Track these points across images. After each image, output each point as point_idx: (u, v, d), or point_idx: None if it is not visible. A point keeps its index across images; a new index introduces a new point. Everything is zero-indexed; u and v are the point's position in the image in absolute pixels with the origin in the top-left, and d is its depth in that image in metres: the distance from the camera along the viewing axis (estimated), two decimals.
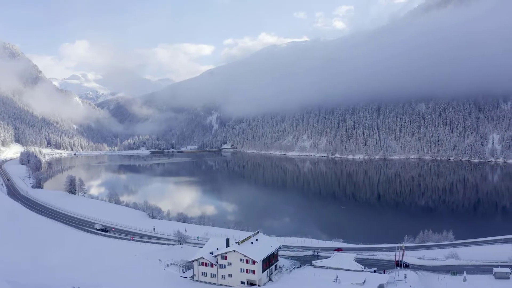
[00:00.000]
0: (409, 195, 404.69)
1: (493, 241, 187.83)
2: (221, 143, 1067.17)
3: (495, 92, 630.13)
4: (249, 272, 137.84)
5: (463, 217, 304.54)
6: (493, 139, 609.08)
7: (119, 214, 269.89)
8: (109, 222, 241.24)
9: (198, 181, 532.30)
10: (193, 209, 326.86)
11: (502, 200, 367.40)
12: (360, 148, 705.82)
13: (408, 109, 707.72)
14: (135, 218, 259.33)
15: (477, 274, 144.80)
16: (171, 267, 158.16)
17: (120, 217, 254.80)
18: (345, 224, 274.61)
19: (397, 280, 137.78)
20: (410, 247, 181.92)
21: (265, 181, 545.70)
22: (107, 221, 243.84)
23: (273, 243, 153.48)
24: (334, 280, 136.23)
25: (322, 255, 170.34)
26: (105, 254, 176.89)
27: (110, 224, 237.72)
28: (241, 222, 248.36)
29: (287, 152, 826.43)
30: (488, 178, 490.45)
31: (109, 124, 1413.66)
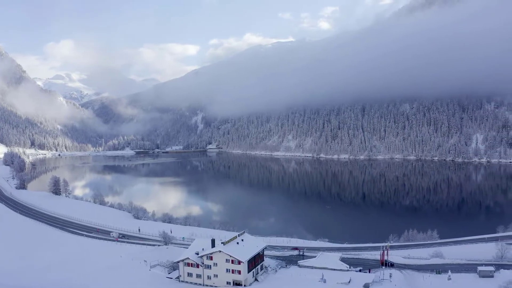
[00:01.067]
0: (393, 194, 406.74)
1: (477, 240, 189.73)
2: (207, 144, 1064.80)
3: (478, 92, 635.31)
4: (235, 272, 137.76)
5: (448, 216, 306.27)
6: (477, 139, 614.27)
7: (104, 215, 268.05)
8: (94, 223, 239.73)
9: (183, 182, 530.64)
10: (178, 210, 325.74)
11: (486, 200, 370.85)
12: (345, 148, 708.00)
13: (393, 109, 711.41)
14: (120, 219, 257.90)
15: (461, 272, 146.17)
16: (156, 268, 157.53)
17: (105, 218, 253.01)
18: (330, 224, 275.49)
19: (382, 279, 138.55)
20: (395, 246, 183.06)
21: (251, 182, 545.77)
22: (92, 222, 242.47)
23: (258, 243, 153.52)
24: (319, 279, 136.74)
25: (307, 254, 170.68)
26: (90, 255, 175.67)
27: (95, 225, 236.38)
28: (227, 222, 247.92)
29: (272, 152, 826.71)
30: (472, 177, 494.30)
31: (94, 125, 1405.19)
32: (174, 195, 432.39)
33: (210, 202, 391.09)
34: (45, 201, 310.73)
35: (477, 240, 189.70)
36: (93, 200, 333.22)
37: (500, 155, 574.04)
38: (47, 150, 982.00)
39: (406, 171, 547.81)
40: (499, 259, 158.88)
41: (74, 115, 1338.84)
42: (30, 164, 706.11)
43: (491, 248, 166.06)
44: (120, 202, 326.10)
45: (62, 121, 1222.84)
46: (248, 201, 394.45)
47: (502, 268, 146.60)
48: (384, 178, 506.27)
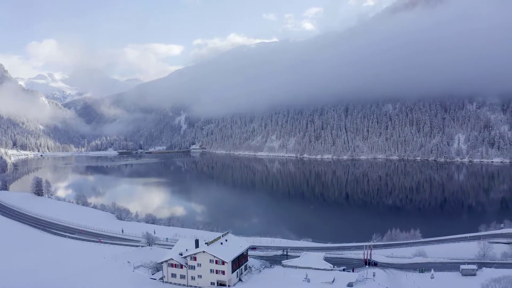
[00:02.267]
0: (376, 194, 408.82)
1: (460, 239, 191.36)
2: (190, 144, 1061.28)
3: (460, 93, 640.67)
4: (219, 273, 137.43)
5: (430, 215, 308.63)
6: (459, 139, 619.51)
7: (87, 216, 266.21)
8: (77, 224, 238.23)
9: (166, 182, 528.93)
10: (162, 210, 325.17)
11: (468, 199, 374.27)
12: (328, 148, 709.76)
13: (376, 109, 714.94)
14: (103, 220, 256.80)
15: (444, 271, 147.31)
16: (140, 269, 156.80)
17: (87, 219, 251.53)
18: (314, 224, 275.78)
19: (366, 278, 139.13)
20: (378, 246, 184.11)
21: (234, 182, 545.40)
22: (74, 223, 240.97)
23: (242, 244, 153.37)
24: (303, 279, 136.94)
25: (291, 254, 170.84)
26: (73, 257, 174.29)
27: (77, 226, 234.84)
28: (211, 223, 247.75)
29: (256, 153, 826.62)
30: (454, 177, 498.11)
31: (76, 125, 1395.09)
32: (157, 196, 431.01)
33: (194, 202, 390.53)
34: (27, 202, 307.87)
35: (460, 239, 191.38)
36: (75, 201, 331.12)
37: (482, 155, 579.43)
38: (29, 150, 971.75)
39: (389, 171, 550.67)
40: (482, 258, 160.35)
41: (56, 115, 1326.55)
42: (12, 165, 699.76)
43: (473, 247, 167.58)
44: (103, 203, 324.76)
45: (44, 121, 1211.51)
46: (231, 201, 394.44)
47: (485, 266, 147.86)
48: (367, 178, 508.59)
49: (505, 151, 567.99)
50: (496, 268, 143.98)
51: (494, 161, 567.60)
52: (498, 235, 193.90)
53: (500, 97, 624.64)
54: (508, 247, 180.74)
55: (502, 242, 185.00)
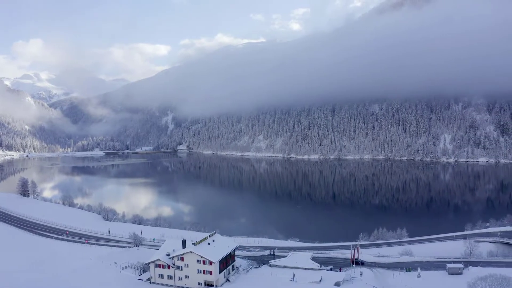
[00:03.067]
0: (363, 194, 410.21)
1: (446, 238, 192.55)
2: (177, 144, 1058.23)
3: (446, 93, 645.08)
4: (206, 273, 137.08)
5: (416, 215, 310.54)
6: (445, 139, 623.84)
7: (73, 216, 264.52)
8: (63, 225, 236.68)
9: (153, 183, 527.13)
10: (149, 211, 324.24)
11: (454, 198, 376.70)
12: (315, 148, 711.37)
13: (362, 110, 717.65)
14: (90, 221, 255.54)
15: (430, 270, 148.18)
16: (127, 269, 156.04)
17: (74, 220, 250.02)
18: (301, 224, 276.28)
19: (353, 278, 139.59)
20: (365, 245, 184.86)
21: (221, 182, 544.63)
22: (61, 224, 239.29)
23: (229, 244, 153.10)
24: (291, 279, 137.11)
25: (278, 254, 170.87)
26: (60, 258, 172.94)
27: (64, 227, 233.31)
28: (198, 223, 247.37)
29: (243, 153, 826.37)
30: (440, 177, 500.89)
31: (63, 125, 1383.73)
32: (144, 196, 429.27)
33: (181, 203, 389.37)
34: (13, 203, 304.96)
35: (446, 238, 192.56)
36: (62, 202, 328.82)
37: (468, 155, 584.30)
38: (15, 151, 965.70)
39: (376, 171, 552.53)
40: (468, 257, 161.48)
41: (42, 115, 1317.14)
42: None
43: (459, 246, 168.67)
44: (90, 203, 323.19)
45: (30, 122, 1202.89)
46: (219, 201, 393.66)
47: (471, 265, 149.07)
48: (354, 178, 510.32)
49: (491, 151, 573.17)
50: (482, 267, 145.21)
51: (479, 161, 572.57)
52: (484, 234, 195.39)
53: (485, 98, 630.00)
54: (494, 245, 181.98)
55: (488, 241, 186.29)
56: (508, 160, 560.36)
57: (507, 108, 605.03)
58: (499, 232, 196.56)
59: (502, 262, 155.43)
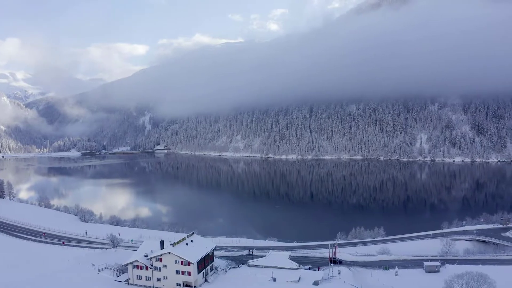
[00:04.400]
0: (341, 193, 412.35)
1: (423, 236, 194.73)
2: (154, 144, 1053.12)
3: (423, 93, 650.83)
4: (184, 274, 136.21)
5: (394, 214, 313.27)
6: (421, 139, 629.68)
7: (50, 218, 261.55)
8: (40, 227, 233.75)
9: (131, 183, 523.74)
10: (126, 212, 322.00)
11: (430, 197, 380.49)
12: (293, 148, 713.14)
13: (340, 110, 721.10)
14: (67, 222, 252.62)
15: (408, 268, 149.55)
16: (105, 271, 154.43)
17: (50, 221, 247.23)
18: (279, 223, 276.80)
19: (331, 277, 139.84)
20: (343, 244, 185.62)
21: (199, 182, 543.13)
22: (37, 225, 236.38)
23: (208, 244, 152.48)
24: (269, 278, 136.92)
25: (257, 254, 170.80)
26: (36, 260, 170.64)
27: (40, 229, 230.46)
28: (176, 223, 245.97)
29: (221, 153, 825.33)
30: (416, 176, 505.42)
31: (39, 125, 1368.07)
32: (121, 197, 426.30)
33: (159, 203, 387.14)
34: None
35: (423, 237, 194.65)
36: (38, 203, 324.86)
37: (444, 154, 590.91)
38: None
39: (353, 171, 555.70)
40: (444, 255, 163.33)
41: (18, 116, 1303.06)
42: None
43: (436, 244, 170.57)
44: (66, 205, 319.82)
45: (5, 122, 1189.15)
46: (197, 202, 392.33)
47: (447, 263, 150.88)
48: (331, 177, 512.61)
49: (466, 151, 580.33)
50: (458, 265, 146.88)
51: (455, 160, 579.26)
52: (460, 232, 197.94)
53: (461, 98, 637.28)
54: (470, 243, 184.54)
55: (464, 239, 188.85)
56: (483, 160, 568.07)
57: (482, 108, 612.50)
58: (475, 230, 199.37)
59: (478, 260, 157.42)
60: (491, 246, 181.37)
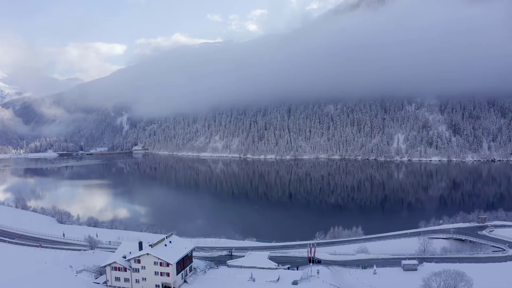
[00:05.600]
0: (319, 193, 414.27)
1: (400, 235, 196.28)
2: (132, 145, 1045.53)
3: (400, 94, 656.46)
4: (163, 275, 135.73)
5: (372, 213, 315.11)
6: (398, 139, 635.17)
7: (27, 220, 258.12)
8: (16, 229, 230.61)
9: (108, 184, 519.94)
10: (104, 213, 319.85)
11: (408, 197, 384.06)
12: (272, 148, 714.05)
13: (318, 110, 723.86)
14: (44, 224, 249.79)
15: (386, 267, 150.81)
16: (83, 273, 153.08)
17: (27, 223, 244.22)
18: (258, 224, 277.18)
19: (310, 276, 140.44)
20: (322, 244, 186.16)
21: (178, 183, 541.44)
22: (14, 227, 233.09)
23: (187, 245, 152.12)
24: (249, 278, 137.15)
25: (236, 254, 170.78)
26: (13, 262, 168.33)
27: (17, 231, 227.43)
28: (154, 224, 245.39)
29: (199, 153, 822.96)
30: (394, 175, 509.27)
31: (15, 125, 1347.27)
32: (99, 198, 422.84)
33: (137, 204, 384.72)
34: None
35: (401, 235, 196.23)
36: (14, 205, 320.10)
37: (421, 154, 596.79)
38: None
39: (331, 170, 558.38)
40: (422, 253, 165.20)
41: None
42: None
43: (414, 243, 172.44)
44: (44, 206, 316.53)
45: None
46: (175, 202, 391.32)
47: (425, 261, 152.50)
48: (309, 177, 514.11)
49: (443, 150, 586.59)
50: (436, 263, 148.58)
51: (432, 159, 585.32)
52: (438, 231, 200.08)
53: (438, 99, 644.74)
54: (447, 242, 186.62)
55: (441, 237, 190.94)
56: (459, 159, 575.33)
57: (458, 108, 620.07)
58: (452, 228, 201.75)
59: (455, 258, 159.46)
60: (468, 244, 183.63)
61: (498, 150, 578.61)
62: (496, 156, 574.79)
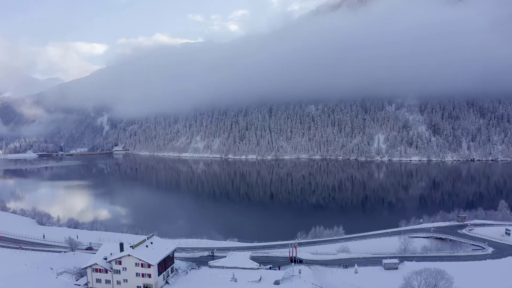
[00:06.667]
0: (300, 193, 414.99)
1: (381, 235, 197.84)
2: (113, 145, 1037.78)
3: (380, 95, 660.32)
4: (145, 276, 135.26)
5: (353, 213, 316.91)
6: (379, 139, 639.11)
7: (6, 221, 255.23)
8: None
9: (89, 185, 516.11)
10: (84, 214, 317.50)
11: (388, 196, 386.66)
12: (253, 148, 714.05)
13: (299, 110, 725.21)
14: (23, 226, 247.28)
15: (367, 266, 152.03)
16: (63, 275, 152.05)
17: (7, 224, 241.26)
18: (240, 224, 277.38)
19: (292, 276, 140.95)
20: (303, 243, 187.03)
21: (159, 184, 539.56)
22: None
23: (168, 246, 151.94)
24: (230, 279, 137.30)
25: (218, 255, 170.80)
26: None
27: None
28: (135, 225, 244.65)
29: (180, 154, 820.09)
30: (374, 175, 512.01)
31: None
32: (79, 200, 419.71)
33: (118, 205, 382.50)
34: None
35: (381, 235, 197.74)
36: None
37: (401, 154, 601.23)
38: None
39: (312, 170, 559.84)
40: (403, 252, 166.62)
41: None
42: None
43: (394, 242, 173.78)
44: (23, 207, 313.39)
45: None
46: (156, 203, 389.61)
47: (406, 260, 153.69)
48: (291, 177, 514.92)
49: (423, 150, 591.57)
50: (417, 262, 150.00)
51: (412, 159, 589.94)
52: (418, 230, 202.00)
53: (418, 99, 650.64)
54: (427, 241, 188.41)
55: (421, 236, 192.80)
56: (439, 159, 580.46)
57: (438, 109, 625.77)
58: (432, 227, 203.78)
59: (435, 256, 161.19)
60: (448, 243, 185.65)
61: (477, 150, 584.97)
62: (476, 155, 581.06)
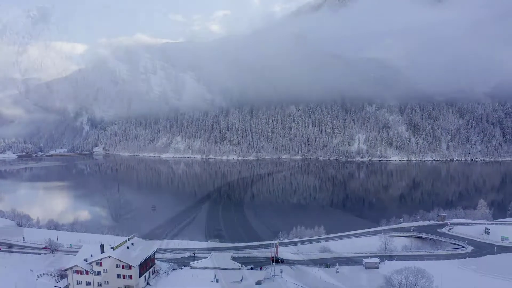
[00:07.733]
0: (281, 193, 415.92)
1: (362, 234, 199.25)
2: (93, 146, 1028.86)
3: (360, 95, 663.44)
4: (126, 278, 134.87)
5: (333, 212, 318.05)
6: (359, 139, 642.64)
7: None
8: None
9: (69, 186, 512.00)
10: (64, 216, 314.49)
11: (369, 196, 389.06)
12: (234, 149, 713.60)
13: (280, 111, 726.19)
14: (2, 227, 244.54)
15: (348, 265, 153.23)
16: (43, 277, 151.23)
17: None
18: (221, 224, 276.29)
19: (274, 276, 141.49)
20: (285, 243, 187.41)
21: (139, 184, 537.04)
22: None
23: (149, 247, 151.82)
24: (212, 279, 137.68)
25: (199, 256, 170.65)
26: None
27: None
28: (116, 227, 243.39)
29: (161, 154, 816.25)
30: (355, 175, 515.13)
31: None
32: (59, 201, 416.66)
33: (98, 206, 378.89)
34: None
35: (362, 234, 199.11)
36: None
37: (381, 154, 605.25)
38: None
39: (293, 171, 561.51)
40: (383, 251, 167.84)
41: None
42: None
43: (375, 241, 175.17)
44: (2, 209, 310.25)
45: None
46: (137, 204, 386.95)
47: (386, 259, 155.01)
48: (272, 177, 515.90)
49: (403, 150, 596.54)
50: (397, 261, 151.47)
51: (392, 159, 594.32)
52: (398, 229, 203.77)
53: (397, 100, 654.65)
54: (407, 240, 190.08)
55: (402, 235, 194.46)
56: (419, 159, 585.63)
57: (418, 109, 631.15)
58: (412, 227, 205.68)
59: (416, 255, 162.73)
60: (428, 242, 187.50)
61: (457, 150, 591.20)
62: (455, 155, 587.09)
